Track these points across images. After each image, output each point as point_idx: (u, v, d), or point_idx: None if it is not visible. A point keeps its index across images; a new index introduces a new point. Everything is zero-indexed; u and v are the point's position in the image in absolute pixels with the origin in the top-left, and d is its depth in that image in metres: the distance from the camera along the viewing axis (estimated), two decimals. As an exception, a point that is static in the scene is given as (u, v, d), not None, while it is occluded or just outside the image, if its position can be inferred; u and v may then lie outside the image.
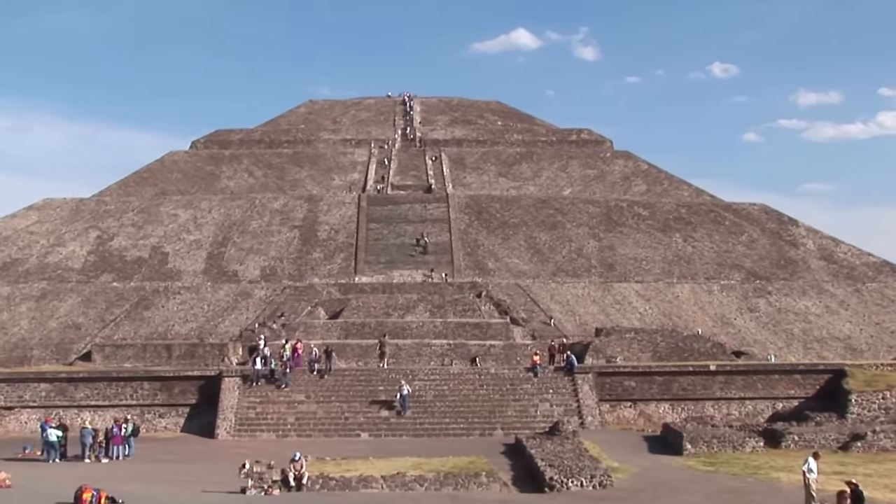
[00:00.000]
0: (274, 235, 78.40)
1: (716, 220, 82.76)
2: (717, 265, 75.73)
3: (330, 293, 68.86)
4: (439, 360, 53.23)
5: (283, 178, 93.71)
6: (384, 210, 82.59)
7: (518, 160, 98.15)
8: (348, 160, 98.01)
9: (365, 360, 52.86)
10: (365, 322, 58.49)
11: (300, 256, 75.44)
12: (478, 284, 70.11)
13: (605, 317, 66.41)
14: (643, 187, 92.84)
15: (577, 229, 79.97)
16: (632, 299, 69.64)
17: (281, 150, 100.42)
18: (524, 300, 67.86)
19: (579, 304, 68.67)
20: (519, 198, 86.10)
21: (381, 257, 75.39)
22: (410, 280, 71.58)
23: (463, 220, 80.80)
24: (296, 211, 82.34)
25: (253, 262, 74.60)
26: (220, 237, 78.09)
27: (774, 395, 47.77)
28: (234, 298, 68.94)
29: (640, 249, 77.14)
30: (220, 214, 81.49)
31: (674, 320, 66.65)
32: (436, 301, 62.83)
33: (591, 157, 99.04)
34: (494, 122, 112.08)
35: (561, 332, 61.04)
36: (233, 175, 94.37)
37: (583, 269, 74.21)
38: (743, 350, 59.94)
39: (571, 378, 46.91)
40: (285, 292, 69.46)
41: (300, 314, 63.75)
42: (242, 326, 63.92)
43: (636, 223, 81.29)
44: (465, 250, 76.30)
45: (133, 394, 46.83)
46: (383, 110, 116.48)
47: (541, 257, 75.87)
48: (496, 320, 60.42)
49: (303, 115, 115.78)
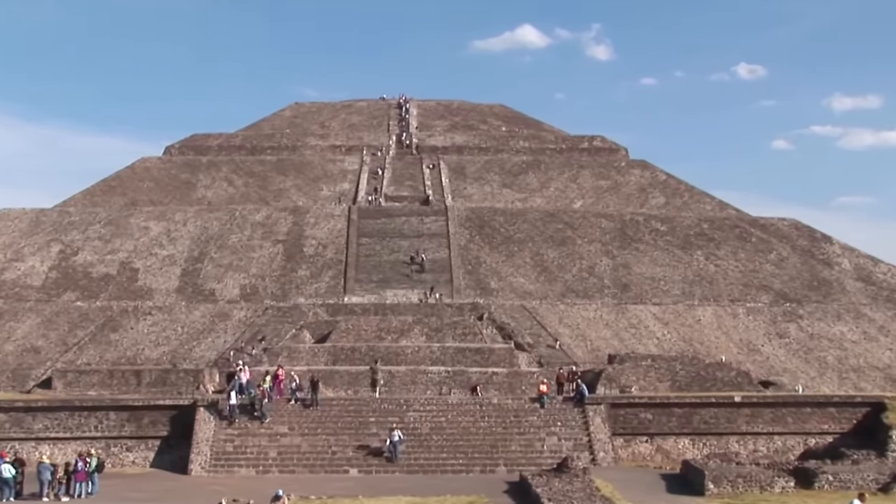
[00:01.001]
0: (255, 251, 78.46)
1: (741, 237, 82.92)
2: (742, 286, 75.79)
3: (317, 315, 68.77)
4: (436, 388, 53.11)
5: (266, 188, 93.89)
6: (377, 224, 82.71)
7: (524, 169, 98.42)
8: (338, 168, 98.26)
9: (355, 388, 52.75)
10: (355, 347, 58.42)
11: (284, 274, 75.46)
12: (479, 306, 70.08)
13: (618, 342, 66.38)
14: (661, 200, 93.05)
15: (588, 246, 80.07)
16: (648, 323, 69.64)
17: (264, 157, 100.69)
18: (530, 323, 67.82)
19: (591, 327, 68.63)
20: (525, 211, 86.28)
21: (373, 275, 75.39)
22: (405, 301, 71.50)
23: (463, 235, 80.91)
24: (280, 224, 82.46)
25: (232, 280, 74.58)
26: (196, 252, 78.14)
27: (806, 429, 47.61)
28: (211, 320, 68.89)
29: (658, 268, 77.21)
30: (197, 227, 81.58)
31: (695, 346, 66.61)
32: (433, 324, 62.78)
33: (605, 167, 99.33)
34: (498, 127, 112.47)
35: (570, 359, 60.95)
36: (210, 184, 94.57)
37: (595, 290, 74.24)
38: (771, 380, 59.87)
39: (582, 409, 46.82)
40: (267, 313, 69.41)
41: (283, 338, 63.64)
42: (220, 351, 63.81)
43: (653, 239, 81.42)
44: (466, 268, 76.37)
45: (98, 425, 46.64)
46: (376, 114, 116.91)
47: (548, 276, 75.91)
48: (499, 345, 60.36)
49: (288, 119, 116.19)
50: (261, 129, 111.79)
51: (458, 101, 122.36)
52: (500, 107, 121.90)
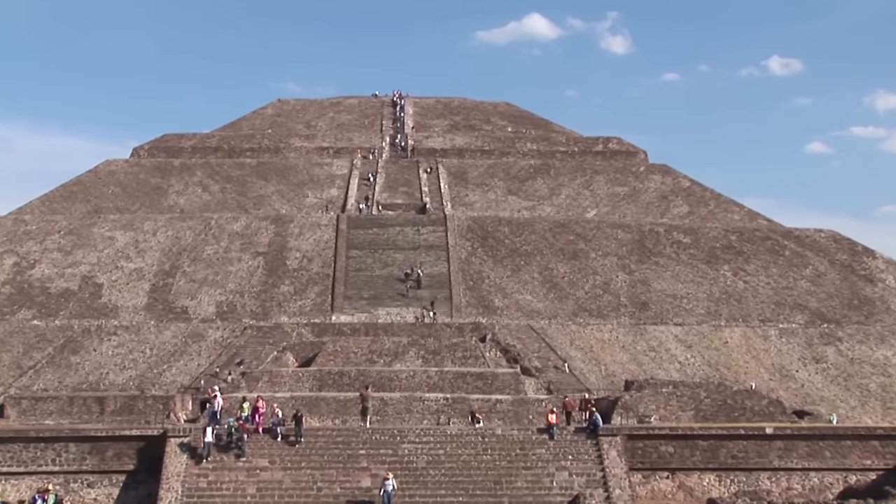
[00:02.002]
0: (233, 264, 78.50)
1: (773, 250, 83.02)
2: (774, 305, 75.82)
3: (301, 335, 68.71)
4: (434, 417, 53.01)
5: (246, 194, 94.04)
6: (368, 234, 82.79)
7: (532, 174, 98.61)
8: (325, 173, 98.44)
9: (343, 417, 52.64)
10: (344, 371, 58.35)
11: (265, 290, 75.48)
12: (481, 326, 70.06)
13: (636, 366, 66.34)
14: (684, 209, 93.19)
15: (603, 259, 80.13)
16: (670, 345, 69.62)
17: (243, 160, 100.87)
18: (538, 346, 67.80)
19: (605, 350, 68.61)
20: (532, 220, 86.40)
21: (363, 292, 75.40)
22: (399, 320, 71.46)
23: (464, 248, 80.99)
24: (260, 234, 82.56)
25: (207, 297, 74.60)
26: (167, 265, 78.18)
27: (846, 465, 47.51)
28: (183, 341, 68.86)
29: (681, 284, 77.27)
30: (168, 238, 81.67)
31: (721, 372, 66.57)
32: (430, 346, 62.73)
33: (621, 172, 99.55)
34: (503, 128, 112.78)
35: (582, 385, 60.90)
36: (183, 189, 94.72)
37: (610, 308, 74.25)
38: (806, 409, 59.75)
39: (595, 441, 46.72)
40: (246, 334, 69.39)
41: (264, 361, 63.57)
42: (193, 375, 63.75)
43: (675, 252, 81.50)
44: (467, 284, 76.40)
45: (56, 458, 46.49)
46: (368, 112, 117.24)
47: (559, 293, 75.94)
48: (503, 370, 60.31)
49: (270, 118, 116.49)
50: (239, 129, 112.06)
51: (458, 99, 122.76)
52: (505, 105, 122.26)
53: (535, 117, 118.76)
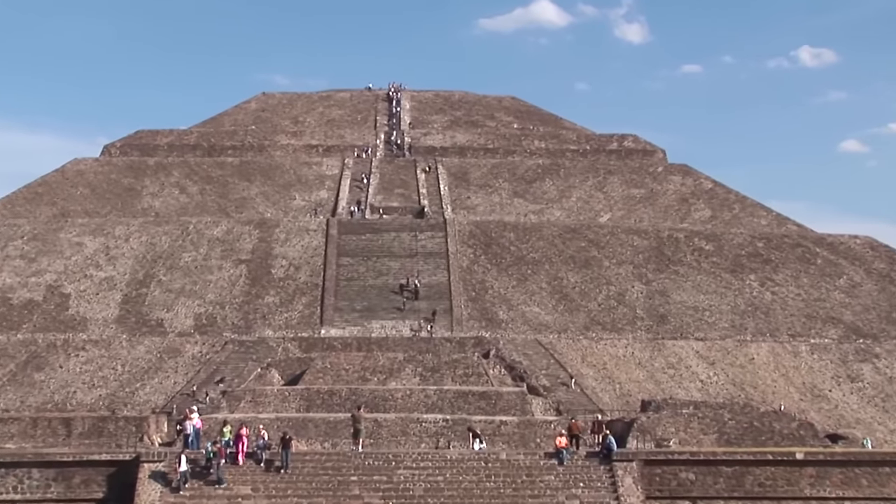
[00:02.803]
0: (213, 272, 78.51)
1: (804, 258, 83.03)
2: (805, 318, 75.80)
3: (287, 351, 68.65)
4: (432, 440, 52.94)
5: (227, 196, 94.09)
6: (361, 240, 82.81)
7: (540, 175, 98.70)
8: (314, 173, 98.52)
9: (333, 440, 52.60)
10: (334, 389, 58.29)
11: (248, 301, 75.47)
12: (485, 340, 70.03)
13: (654, 385, 66.29)
14: (706, 213, 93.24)
15: (617, 268, 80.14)
16: (690, 362, 69.59)
17: (224, 159, 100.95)
18: (546, 362, 67.77)
19: (620, 367, 68.57)
20: (540, 225, 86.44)
21: (355, 303, 75.40)
22: (395, 334, 71.42)
23: (466, 255, 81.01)
24: (243, 240, 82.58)
25: (184, 309, 74.58)
26: (141, 274, 78.19)
27: (885, 494, 47.37)
28: (158, 357, 68.83)
29: (702, 296, 77.26)
30: (142, 244, 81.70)
31: (747, 391, 66.53)
32: (428, 362, 62.70)
33: (637, 173, 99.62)
34: (508, 124, 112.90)
35: (595, 406, 60.84)
36: (159, 191, 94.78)
37: (625, 322, 74.23)
38: (840, 433, 59.67)
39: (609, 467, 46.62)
40: (227, 349, 69.36)
41: (247, 378, 63.53)
42: (169, 394, 63.71)
43: (697, 260, 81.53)
44: (469, 295, 76.40)
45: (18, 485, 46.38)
46: (361, 107, 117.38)
47: (569, 305, 75.93)
48: (509, 389, 60.25)
49: (253, 113, 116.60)
50: (220, 125, 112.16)
51: (460, 93, 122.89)
52: (510, 99, 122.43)
53: (543, 112, 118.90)
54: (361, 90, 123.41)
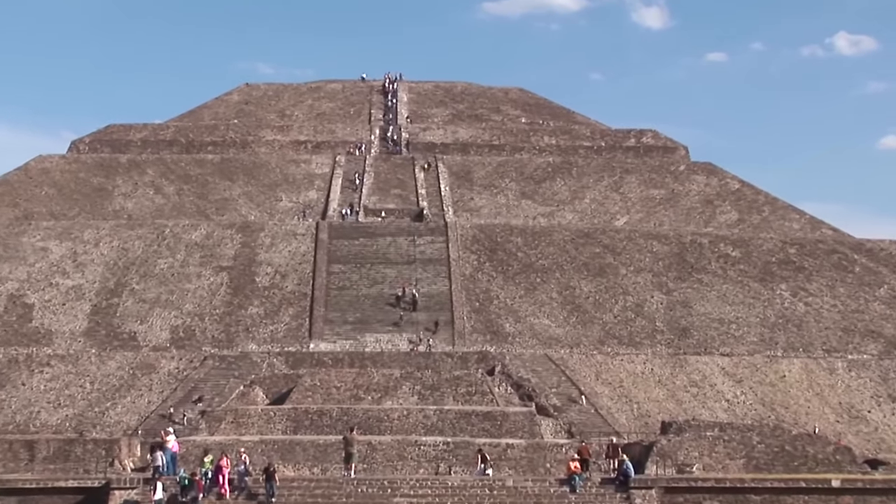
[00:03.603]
0: (191, 281, 78.53)
1: (841, 266, 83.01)
2: (842, 331, 75.78)
3: (273, 366, 68.64)
4: (432, 466, 52.88)
5: (206, 197, 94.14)
6: (354, 245, 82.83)
7: (550, 174, 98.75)
8: (302, 172, 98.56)
9: (323, 465, 52.55)
10: (324, 409, 58.27)
11: (230, 312, 75.49)
12: (489, 356, 70.01)
13: (675, 405, 66.28)
14: (733, 216, 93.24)
15: (635, 276, 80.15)
16: (715, 380, 69.58)
17: (203, 156, 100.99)
18: (556, 379, 67.76)
19: (638, 385, 68.56)
20: (551, 229, 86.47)
21: (348, 315, 75.40)
22: (391, 348, 71.44)
23: (469, 262, 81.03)
24: (224, 245, 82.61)
25: (160, 320, 74.59)
26: (112, 282, 78.20)
27: (928, 524, 47.45)
28: (131, 373, 68.82)
29: (728, 307, 77.24)
30: (113, 249, 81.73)
31: (777, 412, 66.52)
32: (428, 380, 62.70)
33: (657, 172, 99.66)
34: (516, 118, 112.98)
35: (610, 427, 60.82)
36: (132, 191, 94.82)
37: (644, 335, 74.21)
38: (881, 458, 59.66)
39: (626, 494, 46.63)
40: (207, 365, 69.36)
41: (228, 397, 63.53)
42: (142, 415, 63.69)
43: (722, 268, 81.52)
44: (472, 305, 76.40)
45: (-23, 513, 46.50)
46: (354, 99, 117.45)
47: (582, 317, 75.94)
48: (516, 409, 60.22)
49: (235, 106, 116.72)
50: (199, 119, 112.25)
51: (462, 84, 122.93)
52: (518, 91, 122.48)
53: (553, 106, 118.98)
54: (354, 81, 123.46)
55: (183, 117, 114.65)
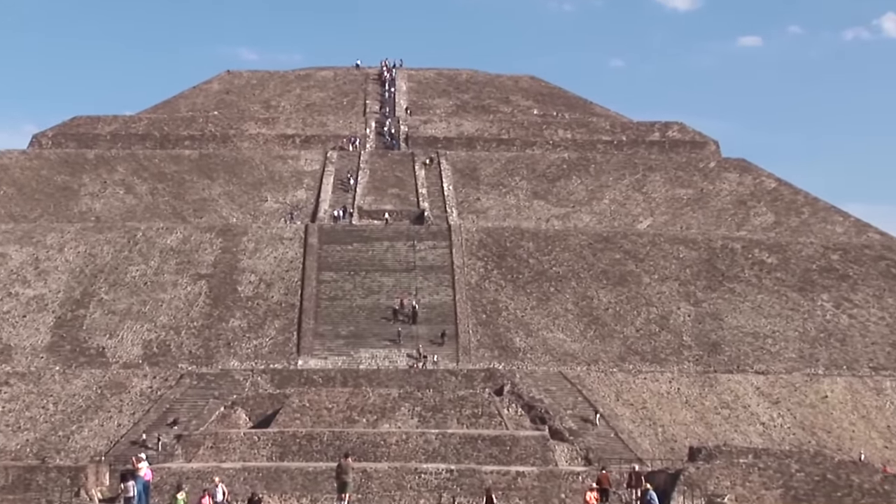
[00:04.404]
0: (166, 290, 78.56)
1: (889, 273, 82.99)
2: (891, 346, 75.73)
3: (257, 385, 68.64)
4: (433, 496, 52.94)
5: (183, 197, 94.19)
6: (347, 251, 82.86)
7: (565, 172, 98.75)
8: (289, 169, 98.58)
9: (313, 495, 52.60)
10: (314, 433, 58.30)
11: (209, 325, 75.52)
12: (498, 373, 70.00)
13: (704, 428, 66.25)
14: (769, 218, 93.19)
15: (660, 285, 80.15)
16: (749, 400, 69.53)
17: (179, 152, 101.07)
18: (572, 400, 67.75)
19: (663, 406, 68.54)
20: (566, 233, 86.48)
21: (340, 328, 75.44)
22: (388, 365, 71.40)
23: (475, 269, 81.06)
24: (203, 251, 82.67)
25: (131, 334, 74.61)
26: (78, 292, 78.25)
27: (985, 561, 47.44)
28: (99, 393, 68.82)
29: (764, 320, 77.20)
30: (79, 255, 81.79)
31: (818, 436, 66.47)
32: (429, 400, 62.73)
33: (684, 169, 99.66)
34: (527, 109, 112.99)
35: (633, 453, 60.79)
36: (100, 191, 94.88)
37: (669, 351, 74.20)
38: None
39: (651, 529, 46.71)
40: (183, 383, 69.38)
41: (207, 419, 63.54)
42: (112, 439, 63.69)
43: (757, 276, 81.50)
44: (479, 318, 76.42)
45: (-72, 548, 46.60)
46: (348, 89, 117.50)
47: (601, 330, 75.94)
48: (527, 433, 60.23)
49: (216, 96, 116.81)
50: (175, 110, 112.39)
51: (468, 71, 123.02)
52: (529, 79, 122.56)
53: (569, 95, 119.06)
54: (348, 68, 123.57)
55: (157, 108, 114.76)
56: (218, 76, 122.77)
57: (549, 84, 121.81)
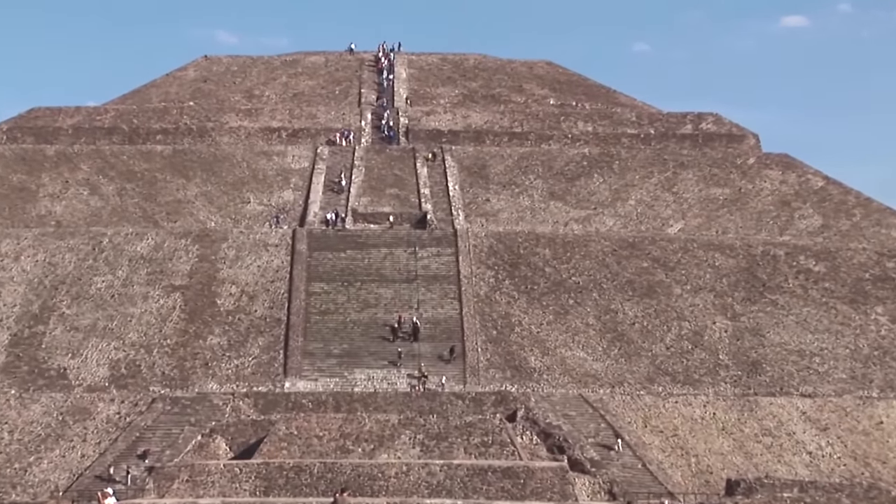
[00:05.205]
0: (136, 303, 78.60)
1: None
2: (953, 366, 75.80)
3: (238, 411, 68.66)
4: (438, 536, 53.03)
5: (155, 199, 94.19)
6: (340, 259, 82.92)
7: (586, 170, 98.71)
8: (275, 167, 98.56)
9: (300, 535, 52.71)
10: (303, 465, 58.36)
11: (184, 343, 75.53)
12: (510, 397, 69.99)
13: (744, 458, 66.21)
14: (816, 221, 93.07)
15: (693, 297, 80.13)
16: (794, 427, 69.50)
17: (151, 147, 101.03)
18: (594, 426, 67.77)
19: (697, 434, 68.50)
20: (587, 238, 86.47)
21: (332, 346, 75.48)
22: (387, 388, 71.44)
23: (484, 279, 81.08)
24: (177, 259, 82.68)
25: (96, 353, 74.62)
26: (37, 306, 78.30)
27: None
28: (60, 420, 68.84)
29: (811, 335, 77.16)
30: (37, 264, 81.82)
31: (873, 467, 66.38)
32: (433, 427, 62.73)
33: (720, 166, 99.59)
34: (543, 99, 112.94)
35: (663, 487, 60.81)
36: (61, 192, 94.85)
37: (704, 371, 74.18)
38: None
39: (683, 573, 46.75)
40: (155, 409, 69.40)
41: (182, 450, 63.56)
42: (74, 472, 63.71)
43: (802, 287, 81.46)
44: (488, 334, 76.42)
45: None
46: (340, 77, 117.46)
47: (626, 347, 75.93)
48: (543, 464, 60.25)
49: (191, 84, 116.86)
50: (146, 100, 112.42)
51: (475, 56, 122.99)
52: (545, 65, 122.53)
53: (589, 83, 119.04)
54: (340, 53, 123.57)
55: (125, 98, 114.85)
56: (194, 62, 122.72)
57: (568, 70, 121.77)
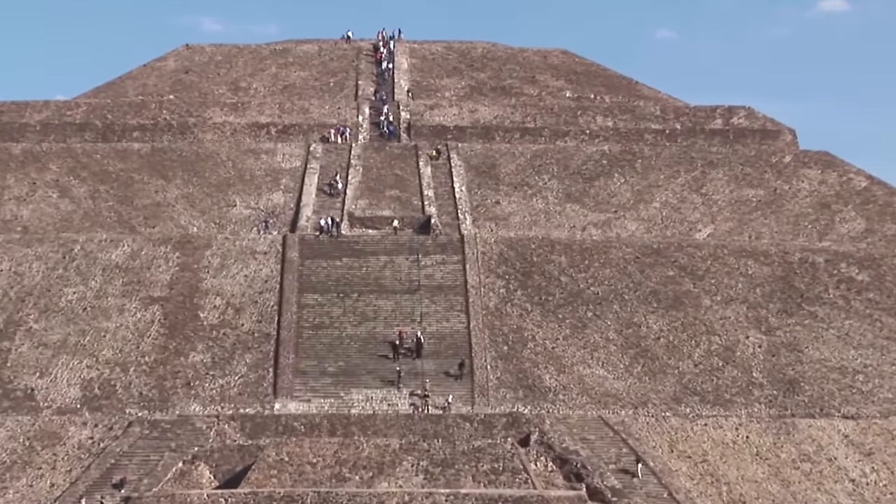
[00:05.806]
0: (111, 317, 78.65)
1: None
2: None
3: (223, 435, 68.66)
4: (444, 573, 53.03)
5: (131, 202, 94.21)
6: (335, 268, 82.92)
7: (605, 169, 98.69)
8: (263, 167, 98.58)
9: (292, 572, 52.75)
10: (294, 495, 58.38)
11: (164, 360, 75.51)
12: (523, 419, 69.97)
13: (780, 487, 66.18)
14: (859, 225, 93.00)
15: (723, 309, 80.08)
16: (835, 452, 69.41)
17: (127, 145, 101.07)
18: (615, 451, 67.73)
19: (728, 459, 68.46)
20: (607, 244, 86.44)
21: (327, 363, 75.46)
22: (386, 409, 71.40)
23: (494, 290, 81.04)
24: (156, 268, 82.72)
25: (67, 372, 74.65)
26: (1, 320, 78.13)
27: None
28: (27, 445, 68.90)
29: (854, 351, 77.08)
30: (2, 274, 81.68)
31: (923, 496, 66.41)
32: (438, 453, 62.76)
33: (753, 164, 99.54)
34: (558, 91, 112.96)
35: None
36: (27, 194, 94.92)
37: (736, 390, 74.11)
38: None
39: None
40: (132, 433, 69.39)
41: (162, 478, 63.60)
42: (43, 502, 63.77)
43: (844, 297, 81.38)
44: (499, 350, 76.39)
45: None
46: (335, 67, 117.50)
47: (651, 365, 75.87)
48: (560, 492, 60.29)
49: (171, 76, 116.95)
50: (122, 94, 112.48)
51: (484, 44, 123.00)
52: (560, 54, 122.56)
53: (609, 74, 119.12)
54: (335, 41, 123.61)
55: (99, 92, 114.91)
56: (174, 51, 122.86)
57: (585, 60, 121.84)
